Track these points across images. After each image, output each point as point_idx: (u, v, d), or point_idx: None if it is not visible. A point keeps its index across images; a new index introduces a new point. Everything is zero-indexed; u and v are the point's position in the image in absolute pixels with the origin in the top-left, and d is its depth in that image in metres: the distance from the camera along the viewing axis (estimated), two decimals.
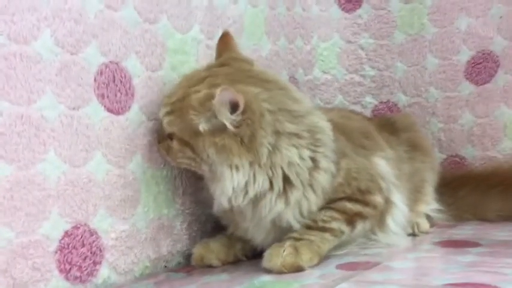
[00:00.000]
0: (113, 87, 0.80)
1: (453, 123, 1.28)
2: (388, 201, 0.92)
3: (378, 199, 0.89)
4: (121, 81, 0.81)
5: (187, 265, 0.89)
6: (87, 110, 0.76)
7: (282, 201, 0.81)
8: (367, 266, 0.79)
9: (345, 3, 1.36)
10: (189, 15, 0.93)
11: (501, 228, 1.04)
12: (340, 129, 0.91)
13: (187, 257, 0.91)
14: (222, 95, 0.73)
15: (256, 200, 0.80)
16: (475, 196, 1.14)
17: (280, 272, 0.77)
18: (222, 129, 0.75)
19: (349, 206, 0.86)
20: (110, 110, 0.79)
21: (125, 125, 0.82)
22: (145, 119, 0.85)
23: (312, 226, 0.84)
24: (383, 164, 0.95)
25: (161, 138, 0.84)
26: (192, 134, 0.77)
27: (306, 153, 0.81)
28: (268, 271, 0.78)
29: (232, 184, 0.77)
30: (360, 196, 0.87)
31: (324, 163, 0.83)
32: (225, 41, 0.90)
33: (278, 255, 0.78)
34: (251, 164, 0.77)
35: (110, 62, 0.80)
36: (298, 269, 0.78)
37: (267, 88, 0.81)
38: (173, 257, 0.90)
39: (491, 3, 1.22)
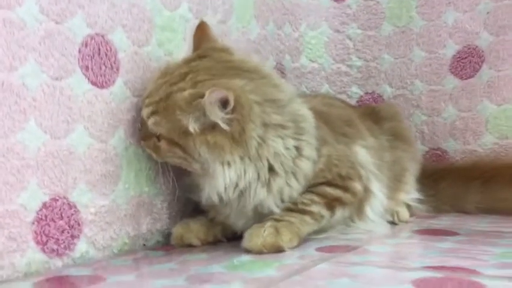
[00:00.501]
0: (97, 60, 0.79)
1: (436, 117, 1.29)
2: (366, 190, 0.93)
3: (357, 186, 0.90)
4: (106, 54, 0.80)
5: (167, 244, 0.89)
6: (70, 81, 0.75)
7: (264, 190, 0.81)
8: (347, 249, 0.79)
9: None
10: None
11: (479, 220, 1.05)
12: (323, 117, 0.91)
13: (167, 236, 0.90)
14: (212, 96, 0.72)
15: (242, 191, 0.81)
16: (455, 188, 1.15)
17: (260, 252, 0.77)
18: (212, 126, 0.75)
19: (329, 190, 0.86)
20: (93, 83, 0.78)
21: (109, 99, 0.80)
22: (130, 94, 0.84)
23: (293, 208, 0.84)
24: (363, 153, 0.97)
25: (145, 136, 0.81)
26: (181, 134, 0.76)
27: (291, 143, 0.81)
28: (248, 251, 0.78)
29: (224, 180, 0.78)
30: (340, 181, 0.88)
31: (307, 151, 0.83)
32: (202, 31, 0.88)
33: (258, 236, 0.78)
34: (241, 158, 0.77)
35: (96, 34, 0.78)
36: (279, 249, 0.78)
37: (251, 78, 0.80)
38: (152, 235, 0.89)
39: None
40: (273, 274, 0.66)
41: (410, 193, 1.11)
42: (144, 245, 0.88)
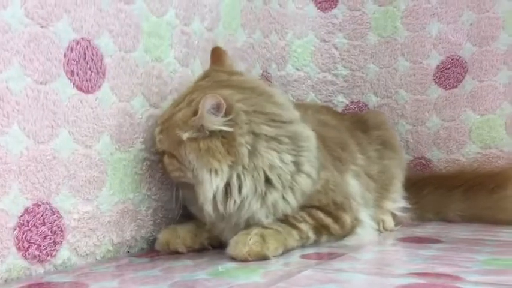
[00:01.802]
0: (83, 65, 0.78)
1: (421, 126, 1.31)
2: (356, 219, 0.93)
3: (347, 219, 0.89)
4: (92, 59, 0.79)
5: (151, 251, 0.88)
6: (55, 85, 0.74)
7: (259, 203, 0.81)
8: (332, 256, 0.79)
9: (321, 2, 1.37)
10: None
11: (463, 228, 1.06)
12: (319, 140, 0.91)
13: (151, 243, 0.89)
14: (204, 106, 0.75)
15: (240, 205, 0.81)
16: (437, 196, 1.17)
17: (245, 260, 0.77)
18: (204, 135, 0.77)
19: (321, 215, 0.86)
20: (79, 88, 0.78)
21: (94, 104, 0.80)
22: (116, 99, 0.83)
23: (282, 220, 0.83)
24: (354, 184, 0.97)
25: (159, 155, 0.87)
26: (176, 145, 0.80)
27: (288, 158, 0.81)
28: (233, 259, 0.77)
29: (211, 187, 0.78)
30: (333, 209, 0.88)
31: (307, 167, 0.83)
32: (215, 56, 0.93)
33: (244, 243, 0.78)
34: (231, 166, 0.78)
35: (82, 38, 0.78)
36: (264, 257, 0.77)
37: (241, 91, 0.82)
38: (137, 242, 0.88)
39: (462, 11, 1.26)
40: (258, 281, 0.65)
41: (397, 201, 1.12)
42: (128, 252, 0.87)
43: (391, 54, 1.33)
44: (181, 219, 0.94)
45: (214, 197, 0.79)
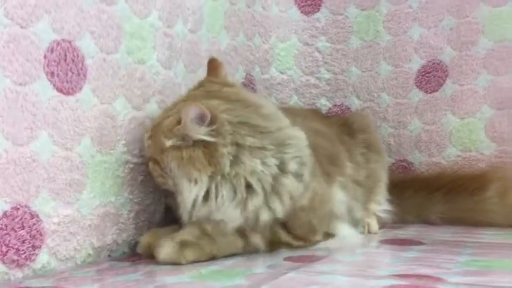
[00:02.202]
0: (63, 66, 0.77)
1: (402, 129, 1.32)
2: (328, 235, 0.91)
3: (317, 239, 0.88)
4: (73, 61, 0.78)
5: (133, 255, 0.87)
6: (35, 87, 0.73)
7: (238, 210, 0.80)
8: (315, 258, 0.79)
9: (304, 6, 1.38)
10: (148, 0, 0.91)
11: (443, 230, 1.08)
12: (311, 149, 0.89)
13: (133, 247, 0.88)
14: (187, 114, 0.76)
15: (212, 210, 0.80)
16: (419, 199, 1.18)
17: (163, 263, 0.76)
18: (188, 144, 0.78)
19: (284, 237, 0.84)
20: (59, 90, 0.76)
21: (75, 106, 0.79)
22: (97, 101, 0.82)
23: (237, 227, 0.82)
24: (340, 197, 0.97)
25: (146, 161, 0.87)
26: (160, 152, 0.81)
27: (272, 161, 0.81)
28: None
29: (190, 197, 0.79)
30: (305, 231, 0.86)
31: (292, 165, 0.82)
32: (212, 66, 0.95)
33: (163, 248, 0.77)
34: (211, 177, 0.78)
35: (62, 39, 0.77)
36: (179, 263, 0.76)
37: (229, 102, 0.83)
38: (118, 246, 0.87)
39: (443, 15, 1.27)
40: (242, 283, 0.65)
41: (382, 204, 1.12)
42: (109, 256, 0.86)
43: (373, 58, 1.34)
44: (163, 222, 0.93)
45: (194, 204, 0.80)
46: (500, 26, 1.22)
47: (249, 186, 0.80)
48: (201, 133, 0.77)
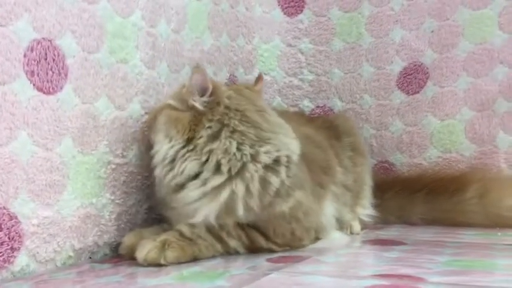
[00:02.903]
0: (44, 65, 0.76)
1: (384, 130, 1.33)
2: (316, 239, 0.92)
3: (304, 243, 0.89)
4: (53, 60, 0.77)
5: (114, 257, 0.86)
6: (14, 86, 0.72)
7: (200, 189, 0.81)
8: (297, 259, 0.79)
9: (287, 7, 1.38)
10: None
11: (424, 231, 1.09)
12: (304, 159, 0.90)
13: (114, 249, 0.88)
14: (192, 80, 0.83)
15: (180, 188, 0.82)
16: (400, 199, 1.19)
17: (143, 264, 0.76)
18: (183, 109, 0.84)
19: (262, 241, 0.84)
20: (39, 89, 0.75)
21: (56, 106, 0.78)
22: (79, 101, 0.81)
23: (211, 231, 0.82)
24: (331, 210, 0.98)
25: None
26: (160, 109, 0.87)
27: (247, 149, 0.81)
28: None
29: (161, 151, 0.83)
30: (289, 241, 0.86)
31: (264, 158, 0.82)
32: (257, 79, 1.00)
33: (144, 248, 0.77)
34: (186, 142, 0.82)
35: (43, 38, 0.76)
36: (159, 264, 0.76)
37: (238, 95, 0.87)
38: (99, 248, 0.86)
39: (424, 18, 1.29)
40: (223, 284, 0.65)
41: (366, 208, 1.13)
42: (90, 258, 0.85)
43: (355, 60, 1.35)
44: (146, 224, 0.92)
45: (162, 160, 0.83)
46: (481, 29, 1.24)
47: (217, 168, 0.81)
48: (195, 100, 0.83)
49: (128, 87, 0.90)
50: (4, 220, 0.70)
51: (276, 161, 0.83)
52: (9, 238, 0.71)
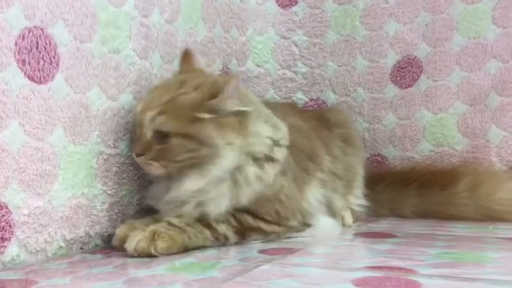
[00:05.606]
0: (35, 54, 0.75)
1: (377, 124, 1.33)
2: (306, 224, 0.94)
3: (293, 223, 0.91)
4: (45, 49, 0.76)
5: (106, 247, 0.85)
6: (5, 75, 0.71)
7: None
8: (289, 251, 0.80)
9: None
10: None
11: (416, 224, 1.09)
12: (289, 146, 0.92)
13: (106, 239, 0.87)
14: (230, 88, 0.81)
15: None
16: (392, 192, 1.19)
17: (133, 255, 0.76)
18: (222, 114, 0.82)
19: (250, 220, 0.86)
20: (30, 78, 0.74)
21: (47, 95, 0.77)
22: (70, 91, 0.80)
23: (199, 219, 0.83)
24: (316, 194, 0.99)
25: (145, 148, 0.82)
26: (193, 124, 0.80)
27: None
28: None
29: (228, 160, 0.82)
30: (276, 219, 0.89)
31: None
32: (186, 58, 0.97)
33: (134, 239, 0.77)
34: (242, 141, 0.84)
35: (34, 27, 0.75)
36: (149, 255, 0.76)
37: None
38: (90, 238, 0.86)
39: (418, 12, 1.29)
40: (216, 275, 0.65)
41: (358, 198, 1.14)
42: (82, 248, 0.84)
43: (349, 53, 1.35)
44: (137, 215, 0.92)
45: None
46: (474, 23, 1.24)
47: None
48: (237, 104, 0.83)
49: (120, 77, 0.90)
50: None
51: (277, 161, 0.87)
52: None
